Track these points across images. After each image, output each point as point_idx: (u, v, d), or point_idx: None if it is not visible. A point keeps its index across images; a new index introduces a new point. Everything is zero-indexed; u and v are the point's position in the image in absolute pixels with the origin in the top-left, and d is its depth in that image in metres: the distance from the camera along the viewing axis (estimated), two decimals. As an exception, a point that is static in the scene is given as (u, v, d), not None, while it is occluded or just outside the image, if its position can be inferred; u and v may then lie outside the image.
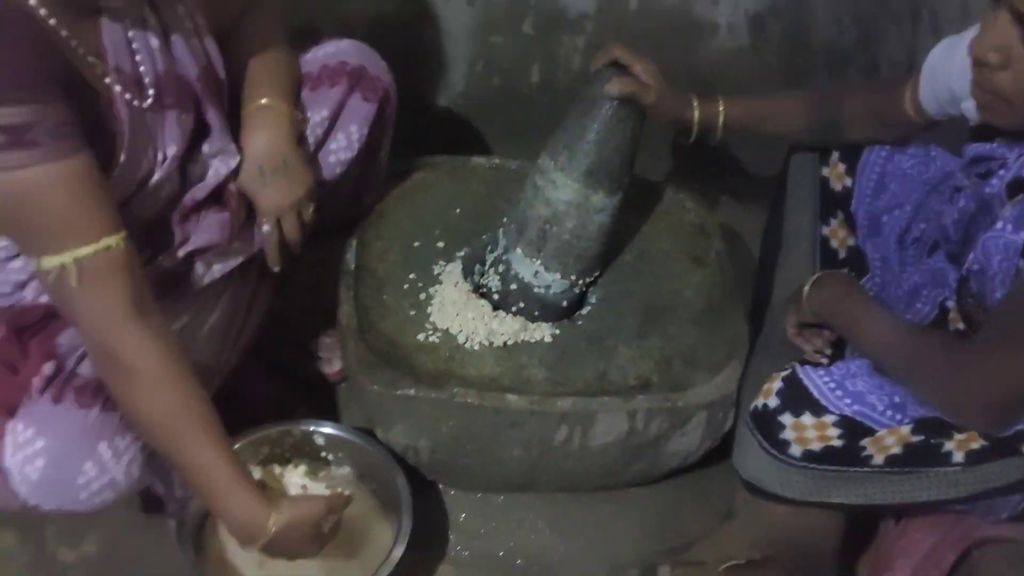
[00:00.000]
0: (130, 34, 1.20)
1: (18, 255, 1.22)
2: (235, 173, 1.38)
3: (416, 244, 1.62)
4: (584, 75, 2.00)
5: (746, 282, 1.67)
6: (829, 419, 1.17)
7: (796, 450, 1.18)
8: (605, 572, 1.57)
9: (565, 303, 1.54)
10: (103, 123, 1.17)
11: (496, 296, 1.54)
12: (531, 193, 1.47)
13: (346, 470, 1.52)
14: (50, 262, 1.09)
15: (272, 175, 1.36)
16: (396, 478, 1.45)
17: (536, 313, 1.53)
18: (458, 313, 1.51)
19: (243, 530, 1.24)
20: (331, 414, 1.70)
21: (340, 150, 1.49)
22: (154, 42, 1.22)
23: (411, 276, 1.57)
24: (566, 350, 1.50)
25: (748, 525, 1.59)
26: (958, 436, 1.16)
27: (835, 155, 1.51)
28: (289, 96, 1.41)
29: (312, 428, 1.50)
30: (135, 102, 1.20)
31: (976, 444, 1.16)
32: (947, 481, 1.18)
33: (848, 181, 1.50)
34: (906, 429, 1.16)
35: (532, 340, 1.50)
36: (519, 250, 1.50)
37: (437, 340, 1.48)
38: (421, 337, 1.48)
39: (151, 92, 1.22)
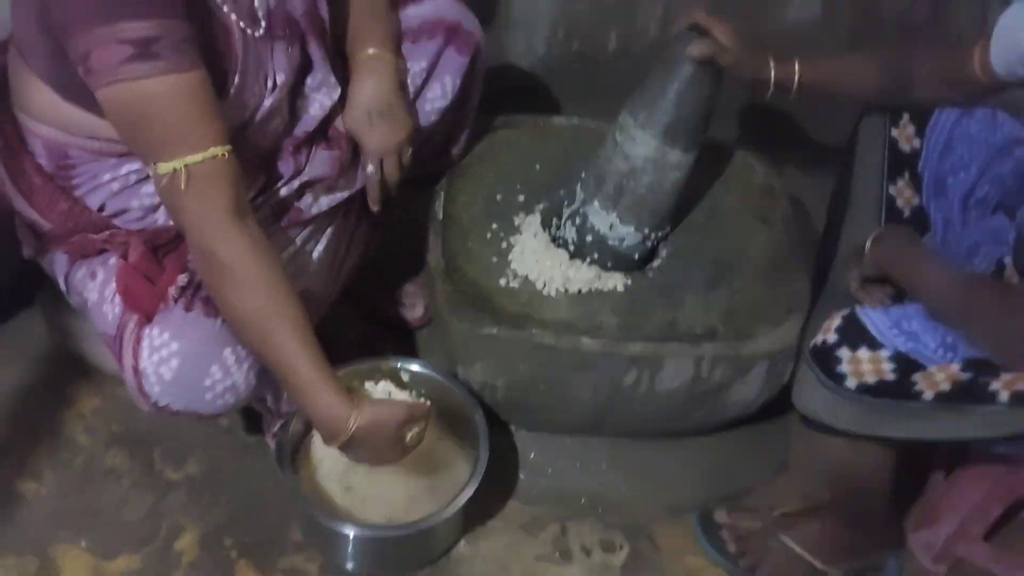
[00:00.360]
0: None
1: (148, 179, 1.31)
2: (341, 111, 1.47)
3: (498, 197, 1.70)
4: (660, 43, 2.06)
5: (811, 244, 1.71)
6: (884, 353, 1.22)
7: (852, 382, 1.23)
8: (664, 514, 1.64)
9: (637, 255, 1.61)
10: (220, 48, 1.26)
11: (572, 246, 1.61)
12: (611, 148, 1.54)
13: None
14: (165, 167, 1.18)
15: (378, 118, 1.46)
16: (475, 415, 1.53)
17: (609, 264, 1.59)
18: (537, 261, 1.59)
19: (326, 426, 1.29)
20: (412, 357, 1.78)
21: (436, 99, 1.59)
22: None
23: (494, 226, 1.65)
24: (637, 299, 1.57)
25: (800, 477, 1.64)
26: (1005, 376, 1.20)
27: (905, 117, 1.53)
28: (393, 47, 1.50)
29: (399, 364, 1.59)
30: (248, 31, 1.29)
31: (1022, 385, 1.20)
32: (992, 420, 1.23)
33: (917, 143, 1.53)
34: (955, 367, 1.21)
35: (605, 289, 1.58)
36: (596, 203, 1.56)
37: (517, 285, 1.56)
38: (503, 282, 1.57)
39: (263, 23, 1.31)
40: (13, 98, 1.34)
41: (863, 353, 1.23)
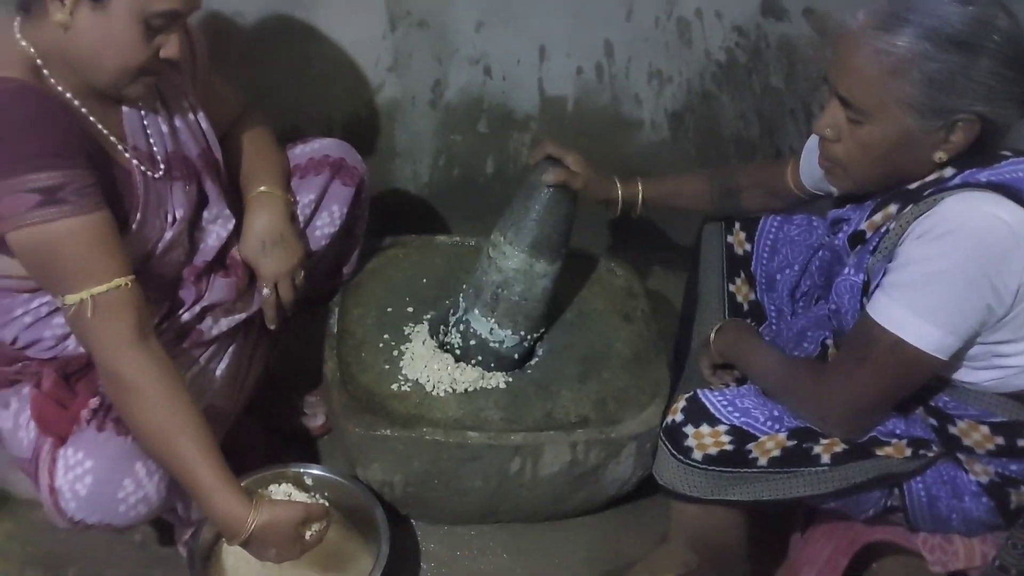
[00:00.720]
0: (145, 121, 1.46)
1: (59, 311, 1.41)
2: (237, 241, 1.61)
3: (389, 310, 1.84)
4: (528, 166, 2.27)
5: (669, 335, 1.90)
6: (721, 428, 1.39)
7: (697, 455, 1.40)
8: (559, 593, 1.74)
9: (516, 355, 1.77)
10: (122, 190, 1.40)
11: (458, 351, 1.76)
12: (485, 263, 1.71)
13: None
14: (72, 298, 1.30)
15: (272, 247, 1.60)
16: (375, 511, 1.62)
17: (492, 364, 1.75)
18: (426, 365, 1.72)
19: (228, 526, 1.36)
20: (315, 463, 1.86)
21: (324, 226, 1.73)
22: (164, 127, 1.48)
23: (385, 336, 1.78)
24: (518, 394, 1.71)
25: (677, 547, 1.73)
26: (824, 441, 1.38)
27: (737, 224, 1.75)
28: (282, 184, 1.66)
29: (301, 469, 1.68)
30: (149, 173, 1.44)
31: (839, 448, 1.38)
32: (817, 479, 1.40)
33: (748, 246, 1.74)
34: (782, 436, 1.39)
35: (489, 387, 1.72)
36: (476, 311, 1.72)
37: (408, 389, 1.69)
38: (395, 387, 1.69)
39: (162, 166, 1.46)
40: None
41: (704, 429, 1.41)
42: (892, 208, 1.33)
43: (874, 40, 1.23)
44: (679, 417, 1.43)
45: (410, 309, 1.86)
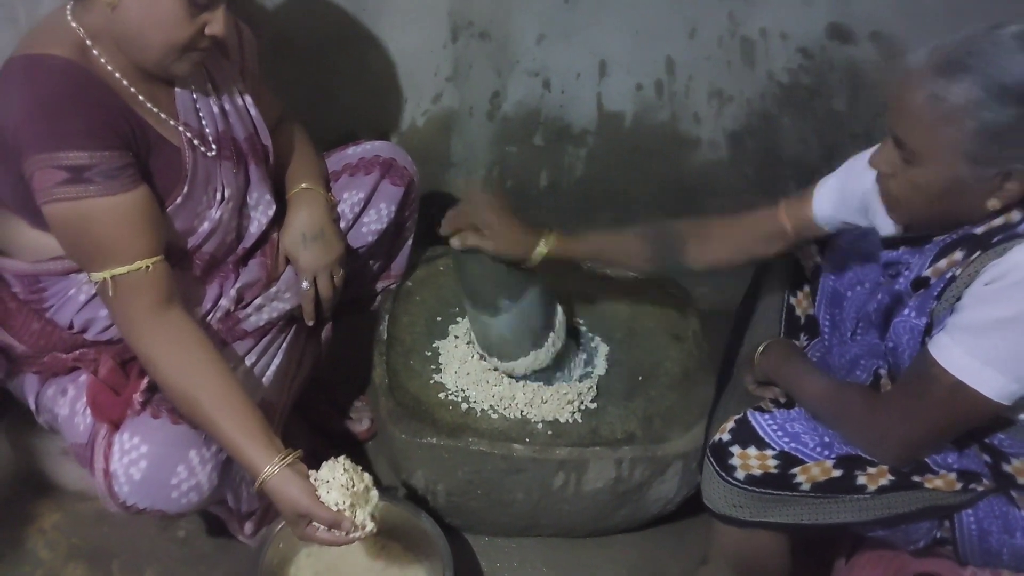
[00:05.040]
0: (196, 101, 1.50)
1: None
2: (277, 228, 1.65)
3: (439, 319, 1.86)
4: (586, 181, 2.27)
5: (718, 356, 1.85)
6: (769, 452, 1.38)
7: (740, 474, 1.38)
8: (596, 610, 1.73)
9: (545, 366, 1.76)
10: (169, 167, 1.44)
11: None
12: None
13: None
14: (96, 276, 1.35)
15: (311, 240, 1.64)
16: (439, 542, 1.57)
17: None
18: (469, 374, 1.74)
19: (250, 473, 1.37)
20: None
21: (372, 223, 1.77)
22: (214, 108, 1.52)
23: (434, 345, 1.80)
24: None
25: (717, 569, 1.72)
26: (871, 471, 1.36)
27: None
28: (323, 184, 1.70)
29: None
30: (202, 149, 1.48)
31: (884, 479, 1.36)
32: (860, 506, 1.38)
33: (818, 259, 1.71)
34: (830, 463, 1.37)
35: (531, 400, 1.73)
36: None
37: (455, 399, 1.71)
38: (442, 396, 1.71)
39: (214, 145, 1.51)
40: None
41: (751, 451, 1.39)
42: (958, 255, 1.31)
43: (930, 84, 1.21)
44: (727, 436, 1.42)
45: (459, 319, 1.87)
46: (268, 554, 1.57)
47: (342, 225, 1.74)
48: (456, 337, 1.84)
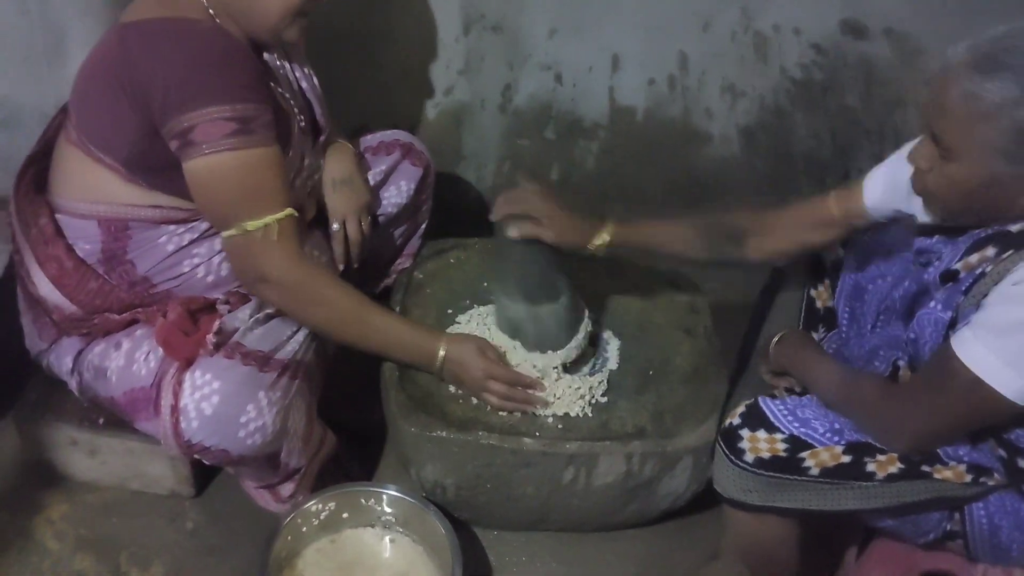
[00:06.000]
0: (287, 76, 1.59)
1: (200, 241, 1.55)
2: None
3: (449, 311, 1.85)
4: (597, 175, 2.27)
5: (730, 352, 1.86)
6: (779, 436, 1.38)
7: (749, 456, 1.38)
8: (606, 605, 1.73)
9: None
10: (283, 129, 1.51)
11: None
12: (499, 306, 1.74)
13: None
14: (254, 224, 1.42)
15: (341, 185, 1.72)
16: (449, 538, 1.57)
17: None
18: None
19: (427, 360, 1.62)
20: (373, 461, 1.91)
21: (392, 196, 1.86)
22: (295, 85, 1.61)
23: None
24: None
25: (728, 563, 1.72)
26: (881, 458, 1.36)
27: None
28: (349, 140, 1.78)
29: (378, 489, 1.66)
30: (300, 119, 1.58)
31: (893, 467, 1.36)
32: (867, 493, 1.37)
33: (841, 251, 1.71)
34: (839, 449, 1.37)
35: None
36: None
37: (465, 392, 1.70)
38: (451, 389, 1.70)
39: (302, 117, 1.60)
40: (59, 189, 1.54)
41: (761, 434, 1.40)
42: (990, 251, 1.31)
43: (966, 81, 1.21)
44: (736, 420, 1.42)
45: (471, 312, 1.86)
46: (276, 546, 1.56)
47: None
48: (470, 326, 1.83)
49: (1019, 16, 1.86)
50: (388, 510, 1.67)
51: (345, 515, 1.66)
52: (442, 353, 1.60)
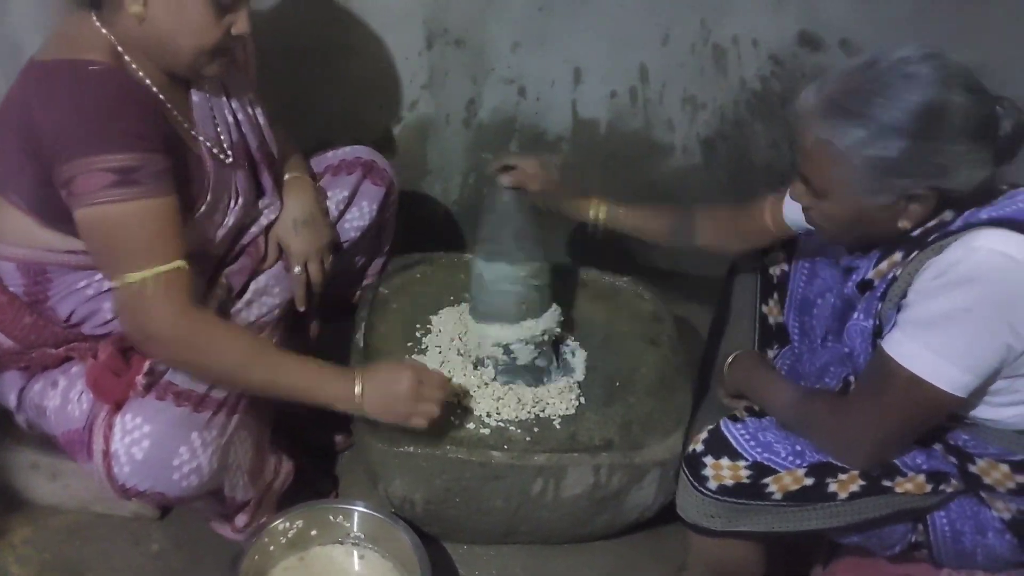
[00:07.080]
0: (213, 111, 1.53)
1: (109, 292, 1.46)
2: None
3: (416, 326, 1.85)
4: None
5: (694, 362, 1.87)
6: (742, 463, 1.39)
7: (712, 484, 1.39)
8: (575, 617, 1.73)
9: (536, 364, 1.76)
10: (194, 175, 1.47)
11: (482, 366, 1.77)
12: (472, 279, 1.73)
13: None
14: (134, 276, 1.34)
15: (302, 226, 1.68)
16: (416, 553, 1.58)
17: (516, 378, 1.75)
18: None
19: (345, 402, 1.47)
20: (336, 478, 1.91)
21: (355, 219, 1.81)
22: (229, 117, 1.56)
23: (411, 353, 1.78)
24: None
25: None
26: (842, 477, 1.37)
27: (776, 245, 1.73)
28: (310, 174, 1.75)
29: (348, 506, 1.67)
30: (222, 157, 1.52)
31: (854, 486, 1.37)
32: (830, 512, 1.39)
33: (785, 267, 1.74)
34: (801, 472, 1.38)
35: (511, 405, 1.71)
36: (480, 321, 1.73)
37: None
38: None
39: (230, 153, 1.54)
40: None
41: (724, 461, 1.40)
42: (897, 256, 1.35)
43: (817, 128, 1.27)
44: (700, 447, 1.43)
45: (438, 327, 1.86)
46: (243, 566, 1.55)
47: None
48: (436, 342, 1.83)
49: (968, 25, 1.92)
50: (356, 526, 1.66)
51: (313, 532, 1.65)
52: (359, 385, 1.48)
